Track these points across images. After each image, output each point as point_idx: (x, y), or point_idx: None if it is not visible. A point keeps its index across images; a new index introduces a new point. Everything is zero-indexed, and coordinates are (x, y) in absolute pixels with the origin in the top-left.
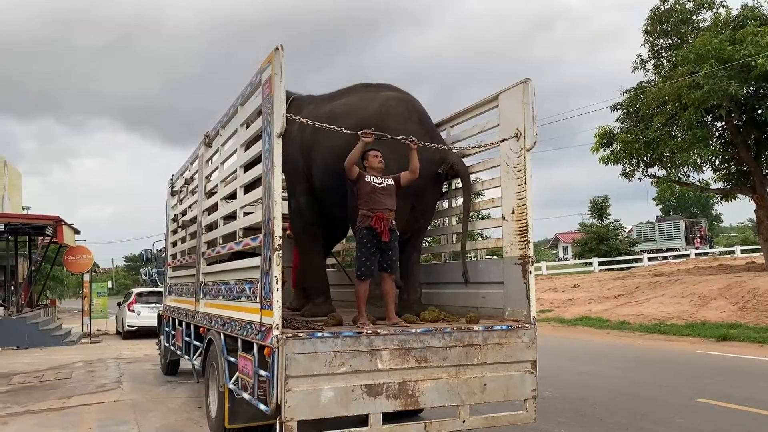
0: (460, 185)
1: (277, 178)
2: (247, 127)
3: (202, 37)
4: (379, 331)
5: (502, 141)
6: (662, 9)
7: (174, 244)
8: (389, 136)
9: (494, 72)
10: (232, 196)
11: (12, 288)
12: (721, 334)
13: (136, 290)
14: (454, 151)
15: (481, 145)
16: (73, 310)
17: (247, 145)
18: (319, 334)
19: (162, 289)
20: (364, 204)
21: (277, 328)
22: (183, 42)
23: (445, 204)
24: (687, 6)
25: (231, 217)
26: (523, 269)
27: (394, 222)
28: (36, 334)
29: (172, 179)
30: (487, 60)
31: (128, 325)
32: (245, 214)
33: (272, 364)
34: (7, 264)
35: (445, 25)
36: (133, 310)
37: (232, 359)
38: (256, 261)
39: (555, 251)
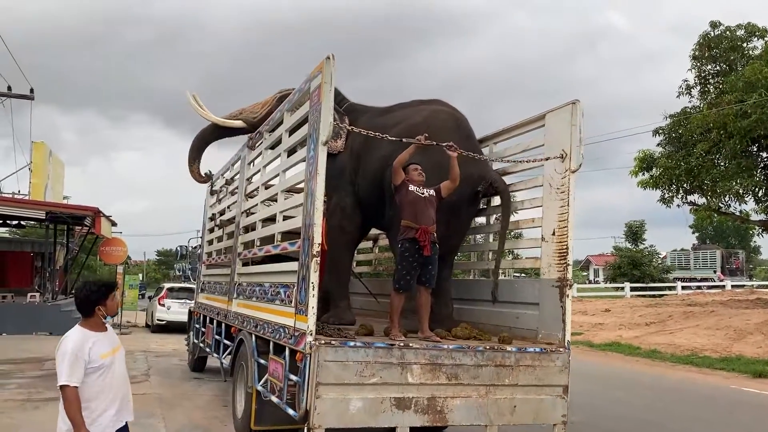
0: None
1: (320, 186)
2: (290, 135)
3: (244, 37)
4: (411, 344)
5: (546, 159)
6: (712, 35)
7: (210, 242)
8: (434, 143)
9: (534, 87)
10: (272, 199)
11: (48, 275)
12: (756, 370)
13: (167, 285)
14: (497, 167)
15: (525, 161)
16: None
17: (291, 151)
18: (352, 343)
19: (193, 286)
20: (408, 214)
21: (311, 334)
22: (224, 42)
23: (482, 220)
24: (738, 33)
25: (270, 220)
26: (560, 292)
27: (435, 235)
28: (69, 321)
29: (211, 179)
30: (528, 75)
31: (158, 319)
32: (285, 218)
33: (303, 370)
34: (45, 251)
35: (489, 37)
36: (163, 305)
37: (262, 361)
38: (293, 265)
39: (586, 273)
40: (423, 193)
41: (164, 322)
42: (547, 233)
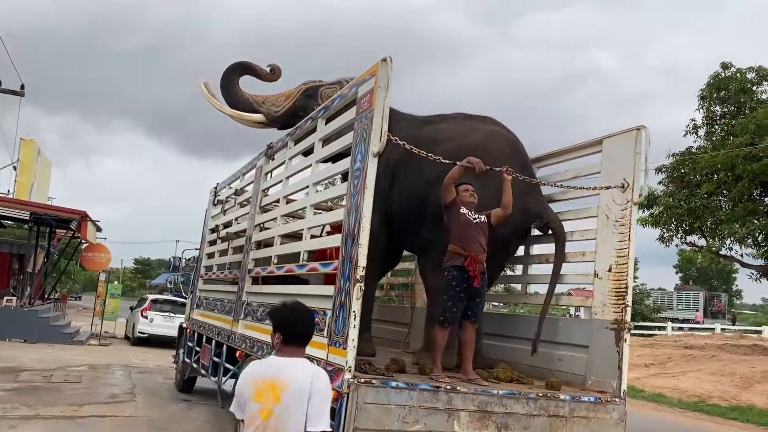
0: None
1: (368, 201)
2: (323, 145)
3: (237, 49)
4: (458, 387)
5: (607, 188)
6: (722, 76)
7: (210, 255)
8: (489, 168)
9: (519, 119)
10: (293, 215)
11: (26, 279)
12: None
13: (151, 296)
14: (547, 191)
15: (582, 188)
16: (77, 306)
17: (326, 161)
18: (394, 384)
19: (181, 299)
20: (456, 239)
21: (350, 371)
22: (218, 55)
23: (521, 251)
24: (748, 76)
25: (292, 236)
26: (616, 335)
27: (485, 264)
28: (45, 329)
29: (216, 188)
30: (512, 107)
31: (139, 332)
32: (314, 236)
33: (338, 411)
34: (25, 253)
35: (476, 68)
36: (146, 317)
37: None
38: (327, 290)
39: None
40: (475, 218)
41: (146, 335)
42: (602, 269)
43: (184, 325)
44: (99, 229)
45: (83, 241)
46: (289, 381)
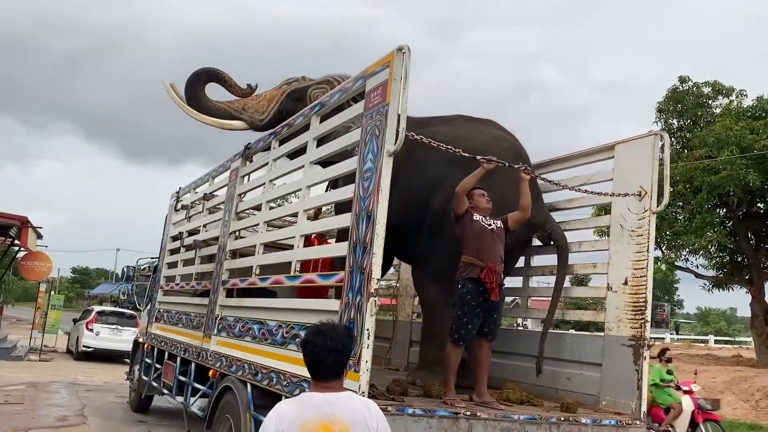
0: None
1: (383, 205)
2: (318, 145)
3: (180, 58)
4: (478, 413)
5: (625, 195)
6: (680, 89)
7: (172, 265)
8: (506, 164)
9: None
10: (273, 224)
11: None
12: None
13: (97, 308)
14: (550, 199)
15: (597, 192)
16: (11, 318)
17: (325, 163)
18: (411, 411)
19: (129, 311)
20: (471, 249)
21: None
22: (159, 61)
23: (521, 262)
24: (704, 90)
25: (273, 245)
26: (634, 353)
27: (503, 276)
28: None
29: (178, 192)
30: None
31: (83, 345)
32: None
33: None
34: None
35: (421, 80)
36: (91, 330)
37: (262, 417)
38: (332, 304)
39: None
40: (490, 225)
41: (91, 349)
42: (616, 282)
43: (140, 340)
44: (40, 236)
45: (22, 249)
46: (346, 421)
